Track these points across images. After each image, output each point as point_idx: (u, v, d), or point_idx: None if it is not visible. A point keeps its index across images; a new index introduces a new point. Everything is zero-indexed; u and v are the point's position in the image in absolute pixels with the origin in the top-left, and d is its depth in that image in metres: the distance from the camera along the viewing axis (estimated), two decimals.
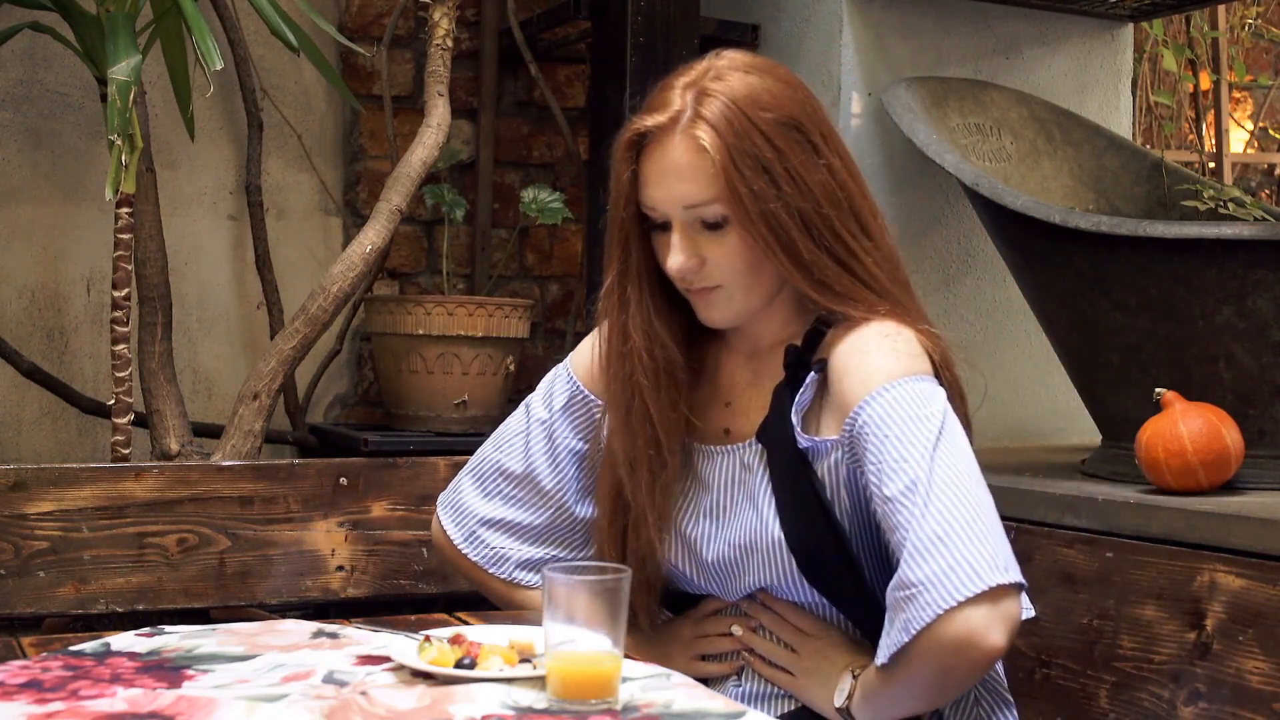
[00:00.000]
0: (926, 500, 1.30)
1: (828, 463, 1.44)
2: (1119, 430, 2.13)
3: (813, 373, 1.45)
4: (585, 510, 1.63)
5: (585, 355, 1.63)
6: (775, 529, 1.45)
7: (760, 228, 1.42)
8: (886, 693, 1.38)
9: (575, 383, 1.62)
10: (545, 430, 1.63)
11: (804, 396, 1.45)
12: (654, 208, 1.46)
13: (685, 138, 1.42)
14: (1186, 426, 1.87)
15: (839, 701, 1.44)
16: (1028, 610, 1.41)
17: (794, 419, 1.44)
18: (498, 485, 1.65)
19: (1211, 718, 1.54)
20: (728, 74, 1.45)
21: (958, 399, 1.45)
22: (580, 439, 1.62)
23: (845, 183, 1.47)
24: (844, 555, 1.44)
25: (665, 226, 1.47)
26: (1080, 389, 2.25)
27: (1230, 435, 1.87)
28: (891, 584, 1.32)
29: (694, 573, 1.54)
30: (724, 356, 1.58)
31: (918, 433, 1.34)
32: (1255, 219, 2.28)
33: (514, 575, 1.65)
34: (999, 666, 1.54)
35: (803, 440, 1.44)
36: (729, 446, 1.53)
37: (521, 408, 1.68)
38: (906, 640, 1.29)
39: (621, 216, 1.49)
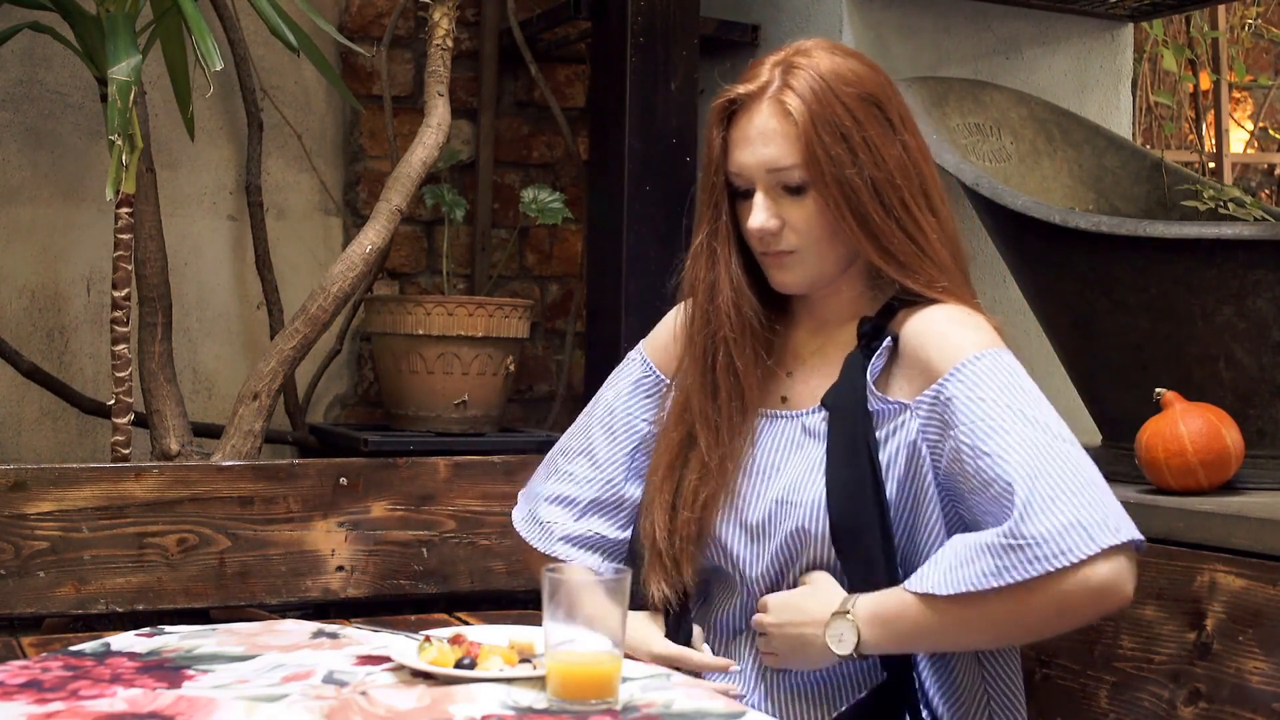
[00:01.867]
0: (1050, 447, 1.37)
1: (893, 425, 1.48)
2: (1119, 430, 2.12)
3: (888, 339, 1.51)
4: (632, 491, 1.68)
5: (659, 330, 1.71)
6: (820, 483, 1.49)
7: (835, 193, 1.49)
8: (945, 620, 1.38)
9: (647, 363, 1.70)
10: (607, 407, 1.70)
11: (878, 363, 1.51)
12: (739, 173, 1.54)
13: (772, 104, 1.51)
14: (1186, 426, 1.87)
15: (844, 651, 1.43)
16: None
17: (868, 380, 1.50)
18: (556, 464, 1.73)
19: (1211, 718, 1.54)
20: (814, 52, 1.54)
21: None
22: (642, 418, 1.68)
23: (918, 161, 1.54)
24: (879, 523, 1.46)
25: (749, 194, 1.54)
26: (1080, 389, 2.25)
27: (1230, 435, 1.87)
28: (1003, 530, 1.34)
29: (731, 532, 1.55)
30: (790, 330, 1.63)
31: (1013, 397, 1.41)
32: (1255, 219, 2.28)
33: (553, 549, 1.68)
34: (1019, 669, 1.55)
35: (874, 402, 1.49)
36: (791, 412, 1.58)
37: (595, 398, 1.75)
38: (1035, 574, 1.31)
39: (712, 181, 1.58)
